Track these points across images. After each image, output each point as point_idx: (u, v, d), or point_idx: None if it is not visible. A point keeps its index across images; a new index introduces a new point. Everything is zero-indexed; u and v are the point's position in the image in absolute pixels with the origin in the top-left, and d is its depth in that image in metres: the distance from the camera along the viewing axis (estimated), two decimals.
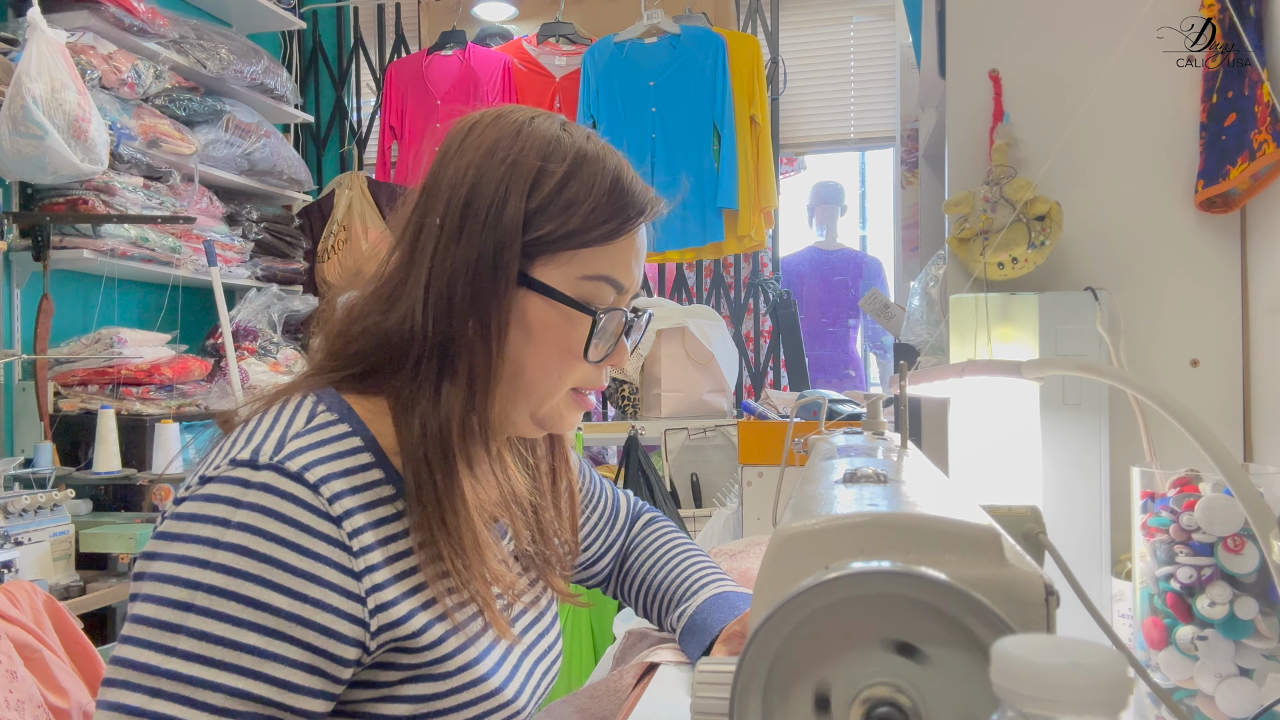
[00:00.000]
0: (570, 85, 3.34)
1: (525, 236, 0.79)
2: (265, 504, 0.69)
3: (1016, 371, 0.93)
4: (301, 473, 0.70)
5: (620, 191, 0.81)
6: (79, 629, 1.12)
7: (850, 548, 0.49)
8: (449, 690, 0.77)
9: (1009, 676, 0.32)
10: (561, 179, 0.79)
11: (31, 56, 2.26)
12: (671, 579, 1.09)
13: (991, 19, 1.44)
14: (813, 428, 1.06)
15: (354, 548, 0.71)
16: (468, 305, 0.77)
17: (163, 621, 0.66)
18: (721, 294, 3.53)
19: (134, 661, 0.66)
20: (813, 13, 3.79)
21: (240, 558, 0.67)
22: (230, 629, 0.66)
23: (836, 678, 0.45)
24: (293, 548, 0.68)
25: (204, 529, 0.68)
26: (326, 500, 0.71)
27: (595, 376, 0.85)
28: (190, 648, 0.66)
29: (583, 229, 0.79)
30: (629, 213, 0.82)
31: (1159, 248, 1.37)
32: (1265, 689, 0.83)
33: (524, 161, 0.79)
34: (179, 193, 2.84)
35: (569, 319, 0.80)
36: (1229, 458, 0.66)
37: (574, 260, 0.80)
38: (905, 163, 2.75)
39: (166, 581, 0.67)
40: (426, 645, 0.75)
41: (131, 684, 0.66)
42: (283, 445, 0.72)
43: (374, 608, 0.72)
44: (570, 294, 0.80)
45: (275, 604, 0.67)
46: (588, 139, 0.83)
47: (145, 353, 2.64)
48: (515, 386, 0.82)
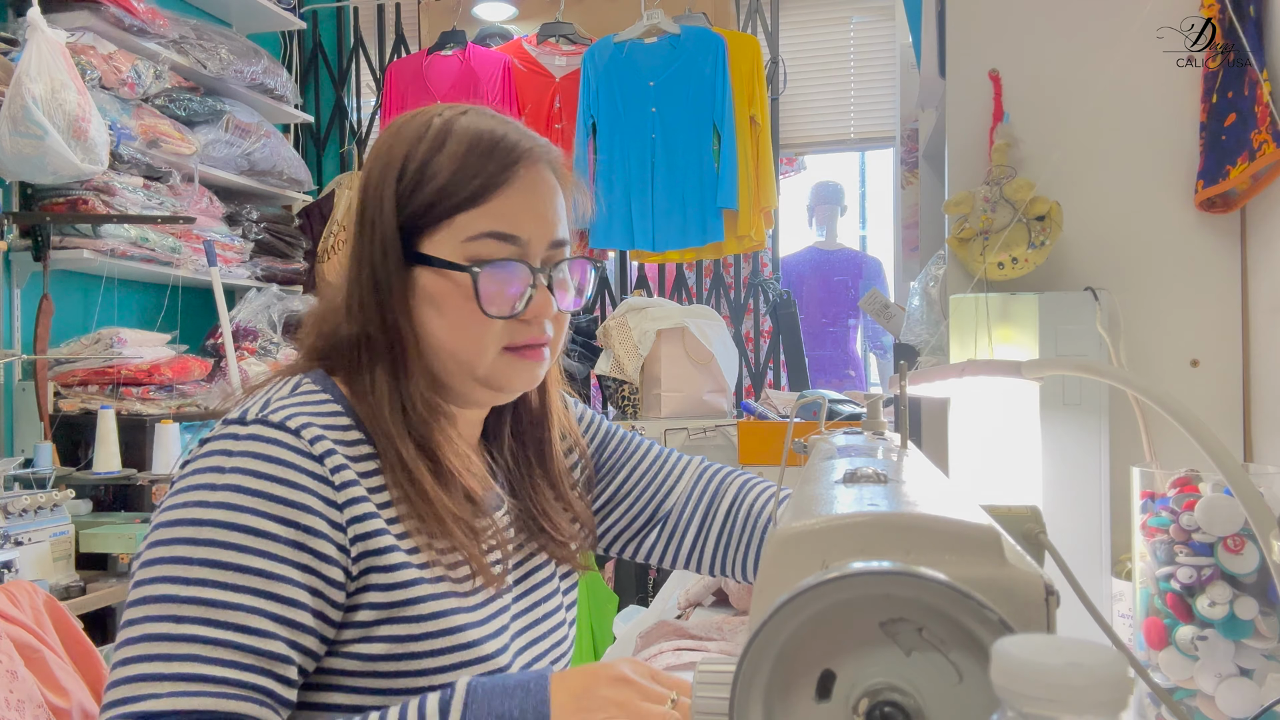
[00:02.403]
0: (570, 85, 3.34)
1: (400, 218, 0.84)
2: (254, 449, 0.76)
3: (1016, 371, 0.93)
4: (284, 421, 0.78)
5: (483, 149, 0.84)
6: (79, 629, 1.12)
7: (850, 548, 0.49)
8: (422, 634, 0.80)
9: (1009, 676, 0.32)
10: (424, 156, 0.84)
11: (31, 56, 2.26)
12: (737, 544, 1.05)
13: (991, 19, 1.44)
14: (813, 428, 1.06)
15: (336, 482, 0.77)
16: (373, 296, 0.84)
17: (175, 557, 0.72)
18: (721, 294, 3.53)
19: (153, 596, 0.72)
20: (813, 13, 3.79)
21: (236, 494, 0.74)
22: (237, 555, 0.72)
23: (837, 677, 0.45)
24: (281, 482, 0.75)
25: (202, 477, 0.75)
26: (308, 442, 0.77)
27: (524, 331, 0.86)
28: (204, 575, 0.72)
29: (449, 193, 0.83)
30: (493, 168, 0.83)
31: (1159, 248, 1.37)
32: (1265, 689, 0.83)
33: (394, 153, 0.85)
34: (179, 193, 2.84)
35: (460, 282, 0.83)
36: (1229, 458, 0.66)
37: (453, 226, 0.83)
38: (905, 163, 2.75)
39: (173, 525, 0.74)
40: (401, 584, 0.79)
41: (154, 616, 0.71)
42: (268, 405, 0.80)
43: (354, 536, 0.77)
44: (458, 259, 0.83)
45: (272, 530, 0.74)
46: (464, 114, 0.87)
47: (145, 353, 2.64)
48: (445, 358, 0.86)
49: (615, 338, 2.87)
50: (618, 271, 3.61)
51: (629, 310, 2.91)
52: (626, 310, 2.91)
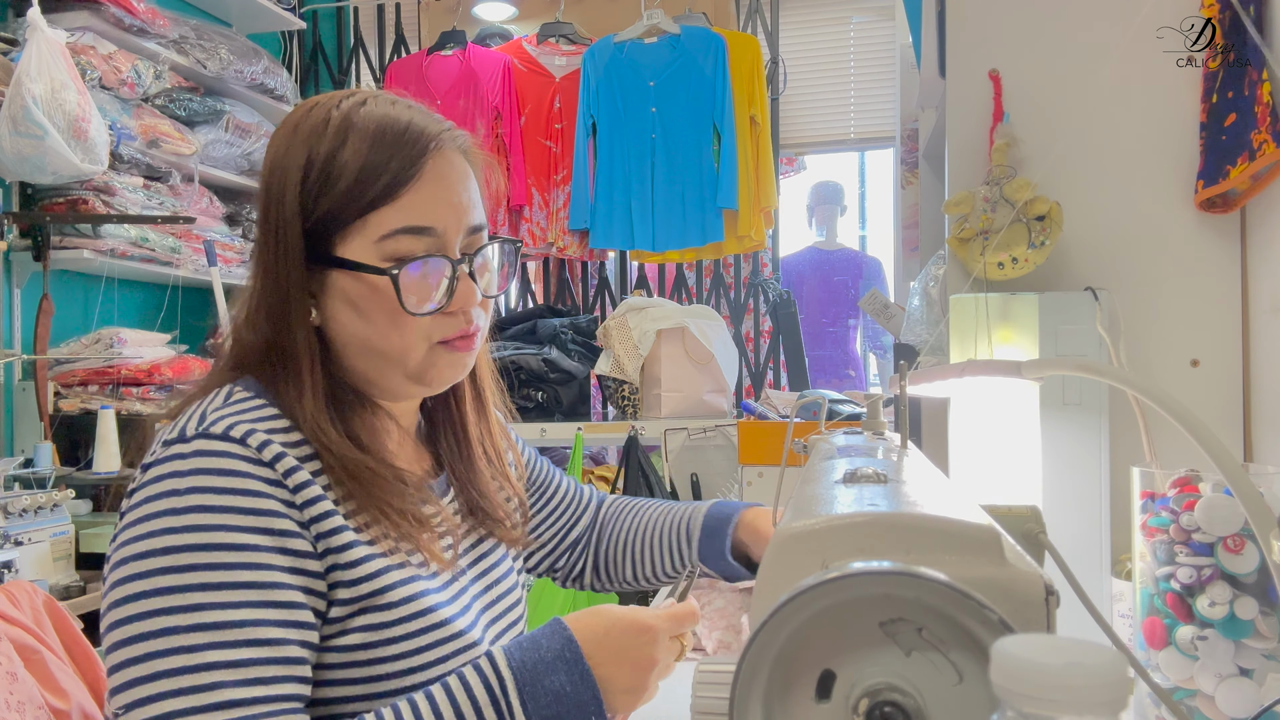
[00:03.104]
0: (570, 85, 3.34)
1: (308, 222, 0.81)
2: (203, 465, 0.74)
3: (1016, 371, 0.93)
4: (226, 432, 0.76)
5: (386, 145, 0.81)
6: (79, 629, 1.12)
7: (850, 548, 0.49)
8: (396, 620, 0.80)
9: (1009, 676, 0.32)
10: (326, 156, 0.81)
11: (31, 57, 2.26)
12: (660, 516, 1.15)
13: (991, 19, 1.44)
14: (813, 428, 1.06)
15: (290, 485, 0.76)
16: (276, 302, 0.82)
17: (162, 588, 0.70)
18: (721, 294, 3.53)
19: (152, 631, 0.69)
20: (813, 13, 3.79)
21: (203, 514, 0.72)
22: (226, 572, 0.71)
23: (837, 677, 0.45)
24: (241, 492, 0.74)
25: (161, 503, 0.72)
26: (255, 449, 0.76)
27: (451, 324, 0.85)
28: (201, 599, 0.69)
29: (357, 193, 0.80)
30: (400, 161, 0.81)
31: (1159, 248, 1.37)
32: (1265, 689, 0.83)
33: (294, 152, 0.82)
34: (179, 193, 2.84)
35: (378, 285, 0.81)
36: (1229, 458, 0.66)
37: (366, 226, 0.81)
38: (905, 163, 2.75)
39: (146, 556, 0.71)
40: (367, 576, 0.79)
41: (162, 651, 0.68)
42: (205, 419, 0.78)
43: (316, 535, 0.77)
44: (374, 260, 0.81)
45: (251, 541, 0.72)
46: (361, 105, 0.84)
47: (145, 353, 2.64)
48: (373, 357, 0.84)
49: (615, 338, 2.87)
50: (618, 271, 3.61)
51: (629, 310, 2.91)
52: (626, 310, 2.91)
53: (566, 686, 0.72)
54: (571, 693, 0.72)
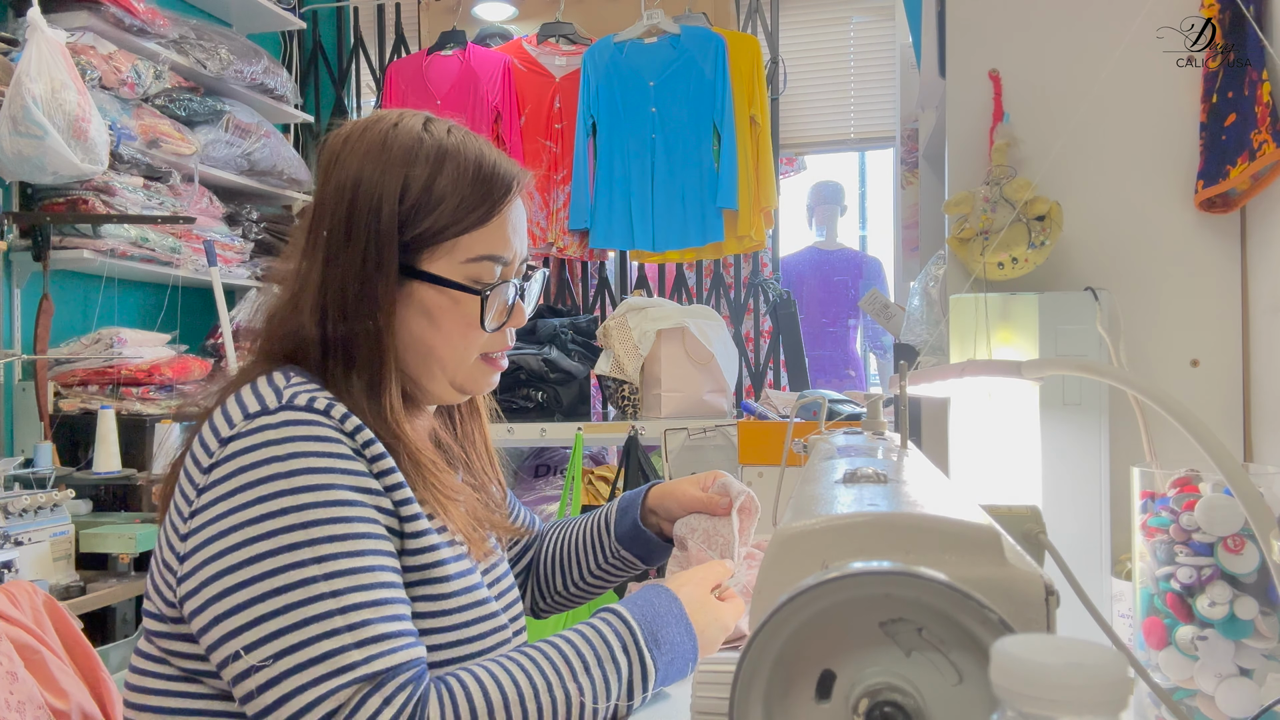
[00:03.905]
0: (570, 85, 3.34)
1: (404, 237, 0.89)
2: (295, 434, 0.79)
3: (1016, 371, 0.93)
4: (310, 404, 0.81)
5: (483, 179, 0.91)
6: (79, 629, 1.12)
7: (850, 548, 0.49)
8: (449, 595, 0.86)
9: (1009, 676, 0.32)
10: (427, 179, 0.90)
11: (31, 57, 2.26)
12: (583, 520, 1.20)
13: (991, 19, 1.44)
14: (813, 428, 1.06)
15: (368, 455, 0.83)
16: (359, 305, 0.88)
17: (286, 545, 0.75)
18: (721, 294, 3.53)
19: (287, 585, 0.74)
20: (813, 13, 3.79)
21: (309, 475, 0.77)
22: (345, 525, 0.77)
23: (837, 677, 0.45)
24: (335, 456, 0.80)
25: (264, 470, 0.77)
26: (339, 420, 0.82)
27: (499, 340, 0.96)
28: (331, 550, 0.75)
29: (455, 220, 0.90)
30: (495, 195, 0.92)
31: (1159, 248, 1.37)
32: (1265, 689, 0.83)
33: (390, 171, 0.89)
34: (179, 193, 2.83)
35: (460, 300, 0.91)
36: (1229, 458, 0.66)
37: (456, 248, 0.91)
38: (905, 163, 2.75)
39: (259, 521, 0.75)
40: (426, 548, 0.85)
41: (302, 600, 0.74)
42: (281, 394, 0.82)
43: (393, 502, 0.83)
44: (458, 278, 0.91)
45: (355, 498, 0.79)
46: (449, 133, 0.93)
47: (145, 353, 2.64)
48: (429, 363, 0.93)
49: (615, 338, 2.86)
50: (618, 271, 3.61)
51: (629, 310, 2.91)
52: (626, 310, 2.91)
53: (678, 638, 0.86)
54: (680, 643, 0.86)
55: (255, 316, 0.95)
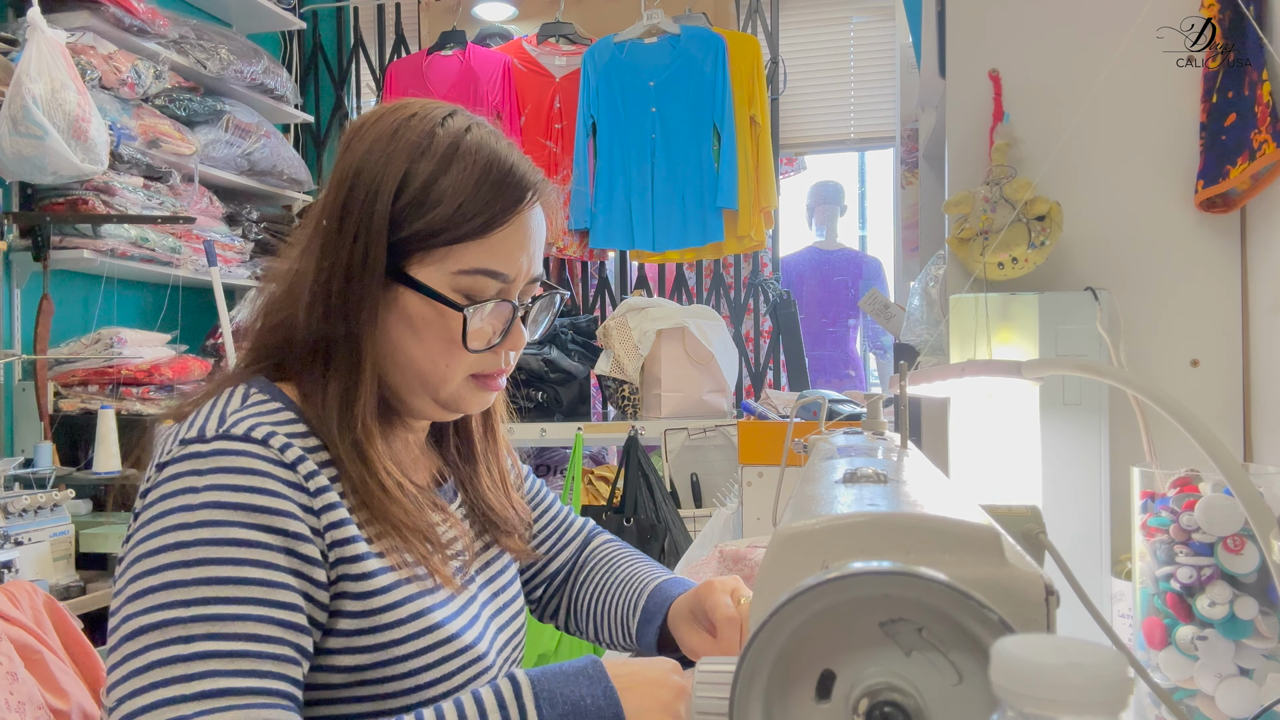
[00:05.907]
0: (570, 85, 3.34)
1: (394, 236, 0.81)
2: (223, 464, 0.74)
3: (1016, 371, 0.93)
4: (249, 433, 0.76)
5: (490, 185, 0.82)
6: (79, 629, 1.12)
7: (850, 548, 0.49)
8: (405, 636, 0.79)
9: (1009, 676, 0.32)
10: (428, 178, 0.81)
11: (31, 56, 2.26)
12: (621, 583, 1.07)
13: (991, 19, 1.44)
14: (813, 428, 1.06)
15: (310, 488, 0.76)
16: (341, 304, 0.81)
17: (168, 582, 0.70)
18: (721, 294, 3.53)
19: (153, 624, 0.69)
20: (813, 13, 3.79)
21: (217, 510, 0.72)
22: (232, 568, 0.71)
23: (837, 677, 0.45)
24: (259, 492, 0.73)
25: (176, 500, 0.73)
26: (278, 450, 0.76)
27: (492, 362, 0.87)
28: (203, 594, 0.69)
29: (450, 226, 0.81)
30: (499, 205, 0.82)
31: (1159, 248, 1.37)
32: (1265, 689, 0.83)
33: (393, 162, 0.81)
34: (179, 193, 2.84)
35: (445, 314, 0.82)
36: (1229, 458, 0.66)
37: (449, 256, 0.81)
38: (905, 163, 2.75)
39: (158, 553, 0.71)
40: (378, 590, 0.78)
41: (160, 642, 0.68)
42: (224, 420, 0.77)
43: (330, 542, 0.77)
44: (446, 289, 0.82)
45: (261, 539, 0.72)
46: (468, 130, 0.84)
47: (145, 353, 2.64)
48: (409, 376, 0.85)
49: (615, 338, 2.86)
50: (618, 271, 3.61)
51: (629, 310, 2.91)
52: (626, 310, 2.91)
53: (587, 698, 0.71)
54: (592, 705, 0.71)
55: (252, 312, 0.89)
